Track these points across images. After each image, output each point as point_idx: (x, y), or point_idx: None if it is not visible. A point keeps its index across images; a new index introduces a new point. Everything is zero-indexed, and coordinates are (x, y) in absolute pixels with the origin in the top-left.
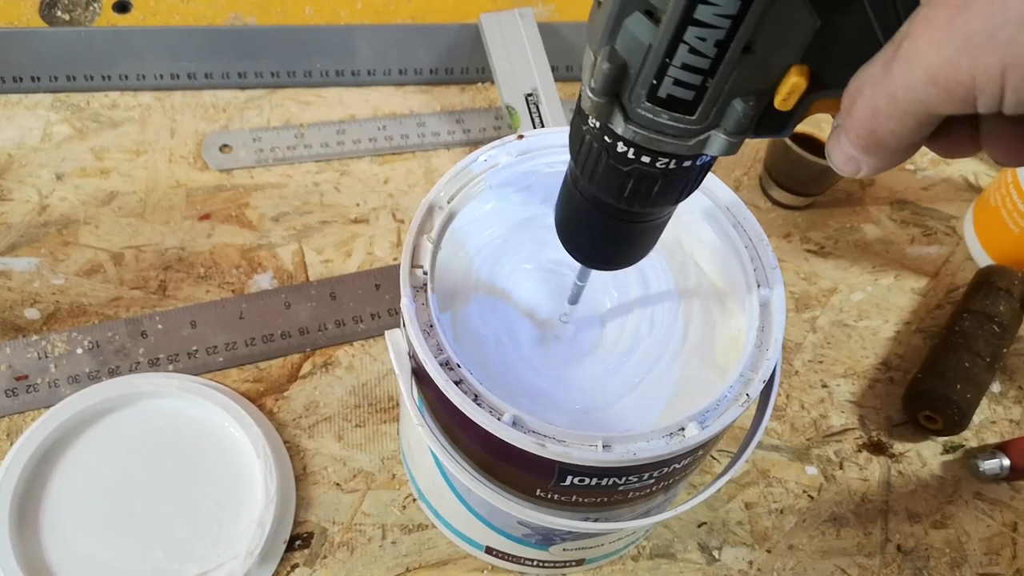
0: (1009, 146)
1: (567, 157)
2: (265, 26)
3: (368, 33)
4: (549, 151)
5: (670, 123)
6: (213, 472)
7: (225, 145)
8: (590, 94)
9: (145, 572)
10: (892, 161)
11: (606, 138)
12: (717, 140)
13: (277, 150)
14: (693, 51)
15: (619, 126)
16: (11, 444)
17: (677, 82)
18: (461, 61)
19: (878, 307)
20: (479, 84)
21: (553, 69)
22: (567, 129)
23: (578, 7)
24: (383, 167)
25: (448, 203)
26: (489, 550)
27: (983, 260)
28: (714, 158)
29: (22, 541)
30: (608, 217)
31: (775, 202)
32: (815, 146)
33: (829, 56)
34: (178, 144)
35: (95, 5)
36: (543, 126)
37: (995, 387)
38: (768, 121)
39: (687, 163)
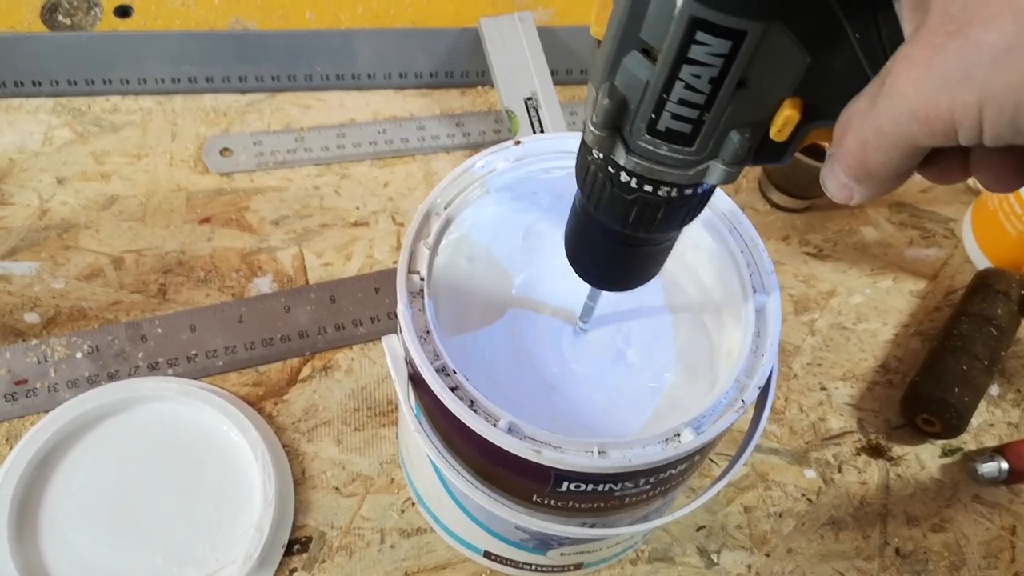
0: (996, 173)
1: (563, 163)
2: (266, 30)
3: (368, 37)
4: (546, 157)
5: (670, 154)
6: (212, 476)
7: (225, 149)
8: (592, 128)
9: None
10: (884, 189)
11: (610, 168)
12: (716, 170)
13: (277, 154)
14: (689, 87)
15: (621, 158)
16: (10, 448)
17: (675, 116)
18: (461, 65)
19: (877, 310)
20: (479, 88)
21: (552, 73)
22: (564, 135)
23: (577, 11)
24: (383, 170)
25: (445, 209)
26: (487, 554)
27: (981, 263)
28: (715, 186)
29: (21, 545)
30: (615, 242)
31: (774, 205)
32: (813, 150)
33: (821, 90)
34: (179, 148)
35: (96, 10)
36: (542, 130)
37: (993, 390)
38: (765, 150)
39: (688, 191)
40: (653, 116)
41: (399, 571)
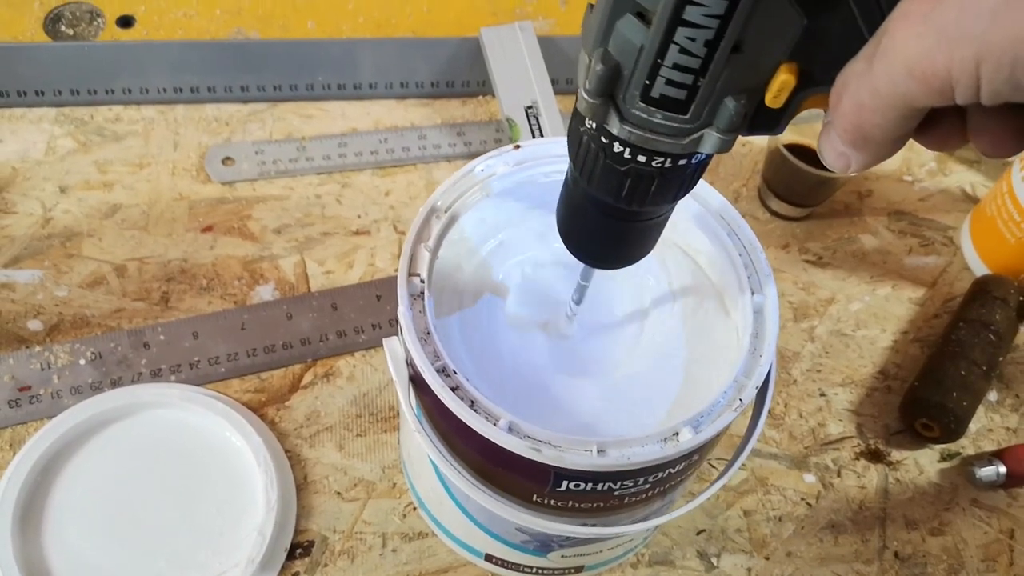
0: (994, 137)
1: (563, 167)
2: (267, 40)
3: (370, 47)
4: (545, 161)
5: (664, 122)
6: (214, 481)
7: (228, 158)
8: (585, 96)
9: None
10: (880, 155)
11: (602, 139)
12: (711, 138)
13: (279, 163)
14: (684, 51)
15: (615, 127)
16: (14, 454)
17: (669, 82)
18: (462, 74)
19: (876, 316)
20: (480, 97)
21: (553, 82)
22: (563, 139)
23: (577, 21)
24: (384, 179)
25: (445, 212)
26: (488, 557)
27: (980, 270)
28: (709, 156)
29: (25, 550)
30: (608, 216)
31: (774, 213)
32: (813, 157)
33: (817, 53)
34: (181, 157)
35: (99, 20)
36: (543, 138)
37: (992, 395)
38: (760, 118)
39: (682, 162)
40: (647, 82)
41: (401, 575)
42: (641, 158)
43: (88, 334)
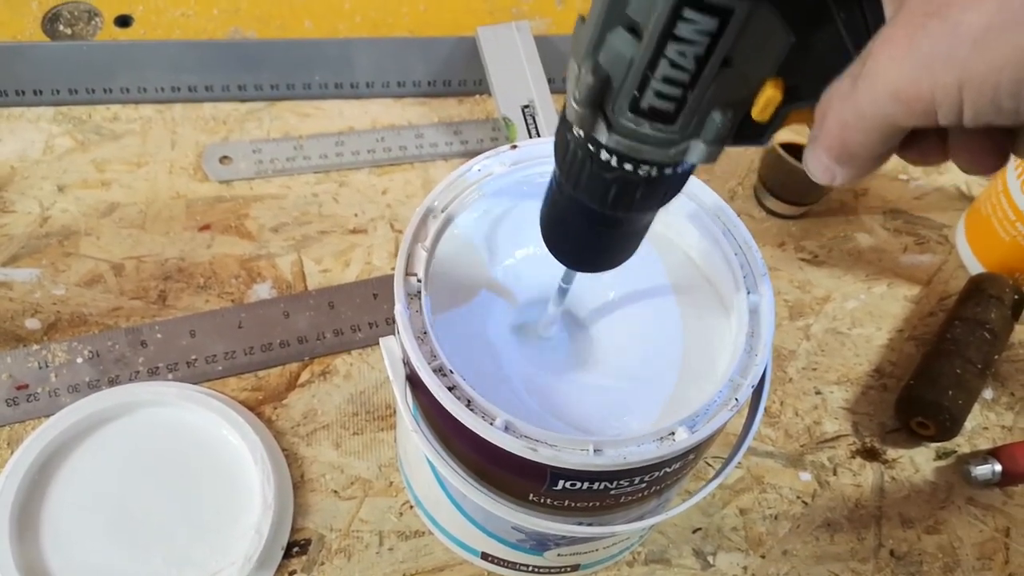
0: (973, 155)
1: None
2: (265, 39)
3: (367, 46)
4: (542, 161)
5: (652, 133)
6: (211, 479)
7: (225, 157)
8: (574, 104)
9: None
10: (864, 170)
11: (590, 146)
12: (697, 149)
13: (276, 161)
14: (674, 65)
15: (603, 135)
16: (11, 453)
17: (658, 94)
18: (459, 73)
19: (871, 315)
20: (476, 96)
21: (549, 81)
22: None
23: (573, 21)
24: (381, 178)
25: (442, 211)
26: (485, 556)
27: (975, 268)
28: (695, 165)
29: (22, 549)
30: (592, 222)
31: (769, 211)
32: None
33: (804, 70)
34: (178, 156)
35: (97, 19)
36: (539, 137)
37: (987, 393)
38: (746, 130)
39: (669, 170)
40: (636, 94)
41: (397, 573)
42: (628, 166)
43: (85, 332)
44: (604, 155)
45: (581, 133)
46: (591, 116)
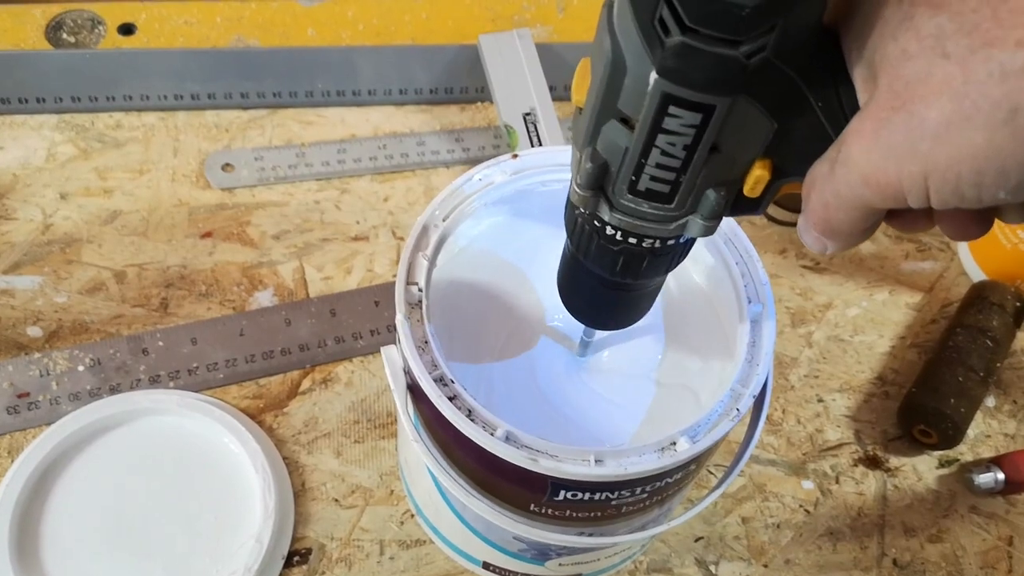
0: (956, 224)
1: (560, 176)
2: (267, 47)
3: (369, 54)
4: (543, 170)
5: (651, 211)
6: (212, 488)
7: (227, 164)
8: (577, 189)
9: None
10: (852, 242)
11: (595, 223)
12: (695, 224)
13: (278, 169)
14: (665, 153)
15: (606, 214)
16: (12, 461)
17: (654, 178)
18: (460, 81)
19: (873, 322)
20: (478, 104)
21: (551, 89)
22: (561, 148)
23: (576, 29)
24: (383, 185)
25: (443, 221)
26: (486, 565)
27: (977, 275)
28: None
29: (22, 558)
30: (604, 287)
31: (771, 219)
32: None
33: (788, 151)
34: (181, 163)
35: (100, 28)
36: (541, 145)
37: (989, 401)
38: (741, 204)
39: (671, 242)
40: (633, 178)
41: None
42: (632, 240)
43: (87, 340)
44: (609, 230)
45: (586, 212)
46: (594, 198)
